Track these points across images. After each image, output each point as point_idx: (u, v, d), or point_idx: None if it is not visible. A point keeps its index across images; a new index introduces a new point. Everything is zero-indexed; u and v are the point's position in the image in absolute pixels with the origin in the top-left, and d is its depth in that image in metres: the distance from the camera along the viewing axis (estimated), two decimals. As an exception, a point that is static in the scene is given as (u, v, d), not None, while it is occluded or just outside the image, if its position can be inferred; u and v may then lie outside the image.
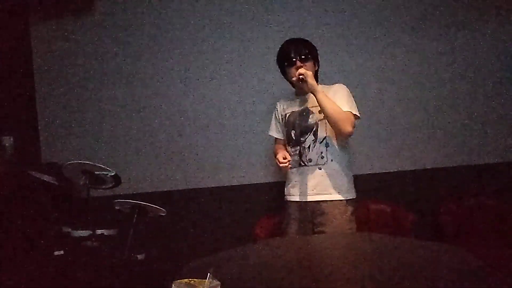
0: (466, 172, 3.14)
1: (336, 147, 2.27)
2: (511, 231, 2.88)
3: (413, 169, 3.17)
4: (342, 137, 2.24)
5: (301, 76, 2.16)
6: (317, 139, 2.25)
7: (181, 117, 3.24)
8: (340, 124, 2.15)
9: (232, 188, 3.20)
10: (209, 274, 1.15)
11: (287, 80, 2.35)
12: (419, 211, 2.96)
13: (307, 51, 2.26)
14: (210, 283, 1.14)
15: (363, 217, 2.97)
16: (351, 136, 2.26)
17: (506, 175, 3.10)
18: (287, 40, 2.34)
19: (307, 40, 2.32)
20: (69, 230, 2.47)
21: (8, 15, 3.06)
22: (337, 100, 2.21)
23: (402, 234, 2.75)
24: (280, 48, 2.33)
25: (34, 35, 3.28)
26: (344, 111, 2.18)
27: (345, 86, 2.31)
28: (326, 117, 2.18)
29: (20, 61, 3.19)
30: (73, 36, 3.26)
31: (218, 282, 1.15)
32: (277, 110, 2.44)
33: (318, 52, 2.34)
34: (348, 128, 2.17)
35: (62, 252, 2.38)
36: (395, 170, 3.17)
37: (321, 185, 2.24)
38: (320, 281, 1.36)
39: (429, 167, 3.17)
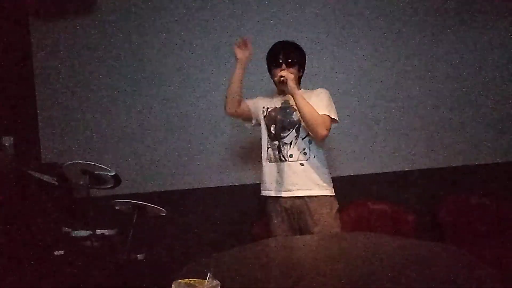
0: (466, 172, 3.15)
1: (319, 144, 2.29)
2: (511, 231, 2.88)
3: (412, 169, 3.17)
4: (316, 139, 2.26)
5: (282, 78, 2.19)
6: (299, 135, 2.27)
7: (181, 117, 3.24)
8: (315, 127, 2.19)
9: (232, 188, 3.20)
10: (209, 274, 1.15)
11: (272, 78, 2.38)
12: (419, 211, 2.96)
13: (294, 57, 2.30)
14: (210, 283, 1.14)
15: (363, 217, 2.98)
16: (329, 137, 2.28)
17: (506, 175, 3.10)
18: (279, 42, 2.36)
19: (298, 46, 2.35)
20: (69, 230, 2.47)
21: (8, 15, 3.06)
22: (318, 102, 2.24)
23: (402, 234, 2.75)
24: (271, 48, 2.36)
25: (34, 35, 3.28)
26: (321, 115, 2.21)
27: (327, 91, 2.33)
28: (303, 119, 2.22)
29: (20, 61, 3.19)
30: (73, 36, 3.26)
31: (218, 282, 1.15)
32: (257, 101, 2.43)
33: (306, 59, 2.36)
34: (322, 131, 2.20)
35: (62, 252, 2.38)
36: (395, 170, 3.18)
37: (303, 180, 2.25)
38: (319, 281, 1.36)
39: (429, 167, 3.17)
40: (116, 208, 2.54)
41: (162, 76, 3.25)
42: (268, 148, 2.34)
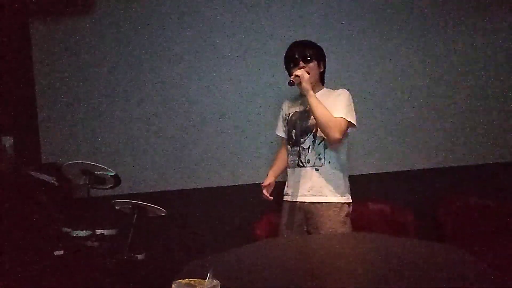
0: (466, 172, 3.14)
1: (335, 149, 2.27)
2: (511, 231, 2.88)
3: (412, 169, 3.17)
4: (330, 143, 2.23)
5: (292, 79, 2.17)
6: (316, 140, 2.25)
7: (181, 117, 3.24)
8: (328, 130, 2.16)
9: (232, 188, 3.20)
10: (209, 274, 1.15)
11: None
12: (419, 211, 2.96)
13: (310, 52, 2.28)
14: (210, 283, 1.14)
15: (363, 217, 2.98)
16: (350, 140, 2.32)
17: (506, 175, 3.10)
18: (293, 42, 2.37)
19: (312, 42, 2.35)
20: (69, 230, 2.47)
21: (8, 15, 3.06)
22: (335, 103, 2.23)
23: (402, 234, 2.75)
24: (286, 51, 2.36)
25: (34, 35, 3.28)
26: (335, 117, 2.18)
27: (347, 92, 2.30)
28: (316, 121, 2.20)
29: (20, 61, 3.18)
30: (73, 36, 3.26)
31: (218, 282, 1.15)
32: (283, 110, 2.48)
33: (324, 53, 2.37)
34: (335, 134, 2.15)
35: (62, 252, 2.38)
36: (395, 170, 3.17)
37: (316, 186, 2.25)
38: (319, 281, 1.36)
39: (429, 167, 3.17)
40: (116, 208, 2.54)
41: (162, 76, 3.25)
42: (289, 154, 2.36)
